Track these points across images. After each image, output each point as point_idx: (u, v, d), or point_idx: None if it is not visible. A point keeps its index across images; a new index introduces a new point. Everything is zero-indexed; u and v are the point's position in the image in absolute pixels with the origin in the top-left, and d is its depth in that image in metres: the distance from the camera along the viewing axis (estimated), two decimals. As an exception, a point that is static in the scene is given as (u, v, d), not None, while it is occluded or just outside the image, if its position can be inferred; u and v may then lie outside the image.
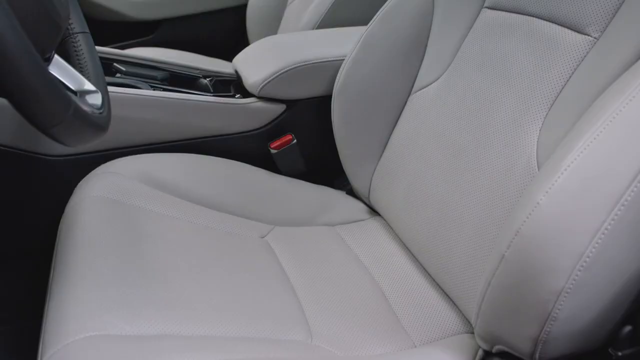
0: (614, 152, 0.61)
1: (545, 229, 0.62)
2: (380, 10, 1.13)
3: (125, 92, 1.16)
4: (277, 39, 1.43)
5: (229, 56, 1.59)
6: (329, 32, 1.45)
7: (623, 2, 0.76)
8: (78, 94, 0.80)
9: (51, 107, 0.60)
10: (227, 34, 2.37)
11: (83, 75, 0.86)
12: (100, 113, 0.76)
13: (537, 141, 0.82)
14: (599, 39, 0.79)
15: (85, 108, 0.69)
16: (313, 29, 1.59)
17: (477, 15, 1.00)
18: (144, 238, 0.93)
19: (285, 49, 1.30)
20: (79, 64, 0.90)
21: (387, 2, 1.13)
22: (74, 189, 1.07)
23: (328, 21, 1.58)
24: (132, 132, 1.18)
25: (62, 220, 1.00)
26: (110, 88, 1.15)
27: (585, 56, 0.80)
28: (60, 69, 0.80)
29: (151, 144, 1.21)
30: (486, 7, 0.99)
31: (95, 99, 0.80)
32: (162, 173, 1.11)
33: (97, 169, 1.10)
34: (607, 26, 0.78)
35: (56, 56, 0.80)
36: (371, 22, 1.13)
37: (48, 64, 0.77)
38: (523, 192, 0.79)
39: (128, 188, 1.04)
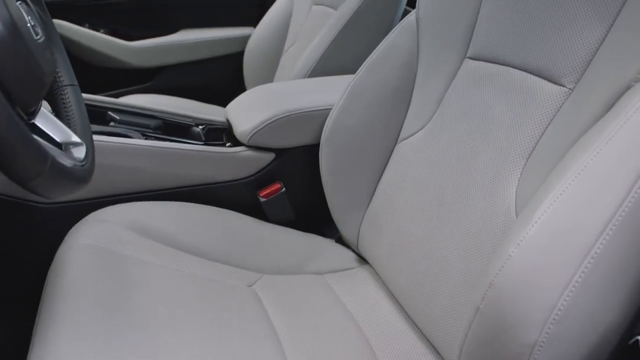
0: (582, 205, 0.61)
1: (516, 282, 0.62)
2: (366, 61, 1.14)
3: (117, 141, 1.17)
4: (267, 87, 1.45)
5: (226, 102, 1.61)
6: (319, 81, 1.47)
7: (595, 53, 0.78)
8: (63, 146, 0.82)
9: (28, 162, 0.61)
10: (225, 80, 2.40)
11: (70, 127, 0.88)
12: (82, 165, 0.77)
13: (516, 191, 0.82)
14: (574, 90, 0.80)
15: (64, 161, 0.71)
16: (305, 76, 1.61)
17: (460, 65, 1.02)
18: (129, 288, 0.94)
19: (274, 98, 1.32)
20: (67, 115, 0.91)
21: (373, 52, 1.14)
22: (65, 236, 1.07)
23: (320, 69, 1.60)
24: (124, 181, 1.20)
25: (50, 268, 1.01)
26: (102, 137, 1.17)
27: (560, 107, 0.81)
28: (46, 121, 0.81)
29: (143, 192, 1.22)
30: (468, 58, 1.01)
31: (79, 152, 0.81)
32: (151, 221, 1.11)
33: (88, 216, 1.11)
34: (580, 77, 0.79)
35: (43, 109, 0.81)
36: (358, 72, 1.15)
37: (34, 117, 0.79)
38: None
39: (117, 236, 1.04)
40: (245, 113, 1.31)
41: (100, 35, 2.26)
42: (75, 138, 0.84)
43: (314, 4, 1.92)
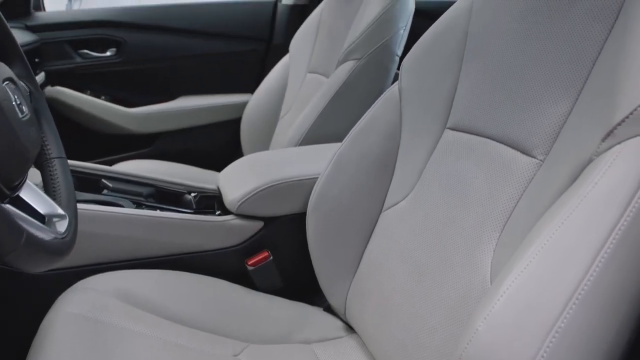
0: (545, 280, 0.62)
1: (482, 357, 0.62)
2: (351, 131, 1.17)
3: (107, 210, 1.19)
4: (257, 156, 1.47)
5: (224, 168, 1.64)
6: (308, 150, 1.49)
7: (563, 125, 0.80)
8: (46, 218, 0.83)
9: (2, 237, 0.62)
10: (223, 146, 2.44)
11: (55, 199, 0.90)
12: (62, 238, 0.78)
13: (491, 263, 0.83)
14: (544, 161, 0.81)
15: (42, 235, 0.72)
16: (297, 144, 1.64)
17: (440, 136, 1.04)
18: (113, 358, 0.94)
19: (263, 167, 1.34)
20: (53, 187, 0.93)
21: (357, 123, 1.17)
22: (52, 304, 1.08)
23: (311, 137, 1.63)
24: (113, 249, 1.21)
25: (35, 337, 1.01)
26: (92, 206, 1.19)
27: (532, 179, 0.82)
28: (30, 193, 0.83)
29: (132, 260, 1.23)
30: (448, 128, 1.03)
31: (61, 225, 0.82)
32: (138, 289, 1.12)
33: (76, 284, 1.11)
34: (550, 149, 0.81)
35: (28, 181, 0.83)
36: (343, 142, 1.17)
37: (18, 190, 0.81)
38: None
39: (103, 305, 1.05)
40: (235, 182, 1.33)
41: (101, 102, 2.32)
42: (59, 210, 0.85)
43: (308, 72, 1.97)
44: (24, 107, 0.82)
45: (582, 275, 0.61)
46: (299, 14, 2.42)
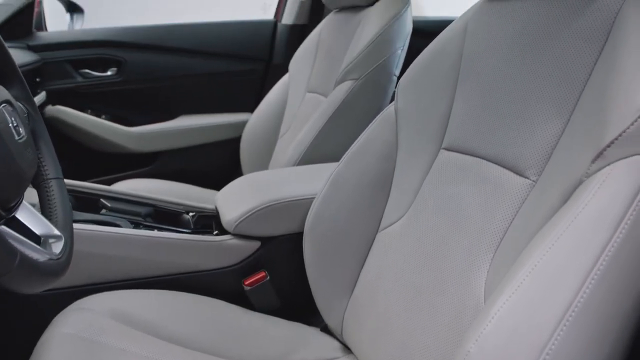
0: (535, 302, 0.62)
1: (475, 380, 0.62)
2: (347, 151, 1.17)
3: (104, 230, 1.20)
4: (254, 176, 1.48)
5: (223, 187, 1.64)
6: (306, 169, 1.50)
7: (555, 146, 0.80)
8: (42, 239, 0.84)
9: None
10: (222, 165, 2.45)
11: (51, 220, 0.91)
12: (57, 259, 0.79)
13: (485, 283, 0.83)
14: (537, 182, 0.82)
15: (37, 256, 0.72)
16: (295, 164, 1.64)
17: (436, 156, 1.04)
18: (109, 379, 0.94)
19: (260, 187, 1.35)
20: (49, 208, 0.94)
21: (354, 143, 1.18)
22: (49, 324, 1.08)
23: (309, 156, 1.63)
24: (110, 269, 1.21)
25: (31, 357, 1.01)
26: (90, 226, 1.19)
27: (525, 199, 0.83)
28: (27, 214, 0.84)
29: (129, 280, 1.23)
30: (443, 149, 1.03)
31: (56, 247, 0.83)
32: (135, 310, 1.12)
33: (73, 304, 1.11)
34: (543, 170, 0.82)
35: (24, 202, 0.84)
36: (339, 162, 1.18)
37: (14, 211, 0.81)
38: None
39: (99, 325, 1.05)
40: (232, 202, 1.34)
41: (101, 121, 2.33)
42: (55, 231, 0.86)
43: (307, 91, 1.98)
44: (20, 129, 0.83)
45: (572, 296, 0.61)
46: (298, 34, 2.44)
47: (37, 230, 0.84)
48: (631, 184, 0.65)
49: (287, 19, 2.48)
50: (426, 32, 1.68)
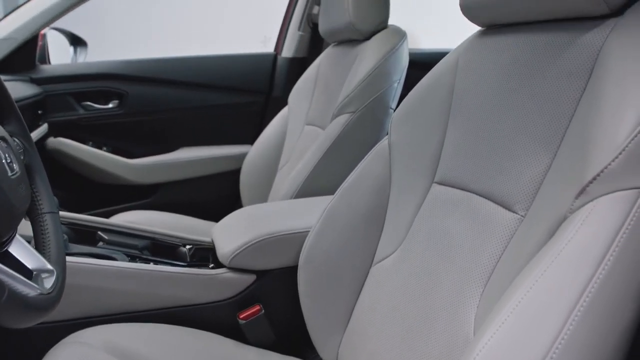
0: (520, 339, 0.62)
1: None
2: (341, 185, 1.18)
3: (99, 263, 1.20)
4: (252, 209, 1.49)
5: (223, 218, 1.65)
6: (302, 203, 1.51)
7: (542, 181, 0.81)
8: (33, 274, 0.85)
9: None
10: (222, 197, 2.46)
11: (44, 254, 0.91)
12: (48, 294, 0.79)
13: (475, 318, 0.83)
14: (525, 217, 0.82)
15: (26, 291, 0.73)
16: (292, 197, 1.65)
17: (428, 190, 1.05)
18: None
19: (255, 221, 1.35)
20: (43, 243, 0.94)
21: (348, 177, 1.18)
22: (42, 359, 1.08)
23: (306, 189, 1.64)
24: (105, 302, 1.21)
25: None
26: (85, 259, 1.20)
27: (514, 234, 0.83)
28: (20, 248, 0.84)
29: (124, 313, 1.23)
30: (436, 183, 1.04)
31: (47, 281, 0.83)
32: (130, 344, 1.12)
33: (67, 338, 1.11)
34: (530, 205, 0.82)
35: (17, 236, 0.85)
36: (334, 195, 1.18)
37: (7, 245, 0.82)
38: None
39: (93, 359, 1.05)
40: (228, 235, 1.34)
41: (102, 152, 2.35)
42: (47, 266, 0.87)
43: (306, 124, 1.99)
44: (14, 165, 0.84)
45: (555, 334, 0.61)
46: (298, 67, 2.46)
47: (29, 265, 0.84)
48: (614, 221, 0.65)
49: (287, 52, 2.51)
50: (423, 64, 1.70)
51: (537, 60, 0.88)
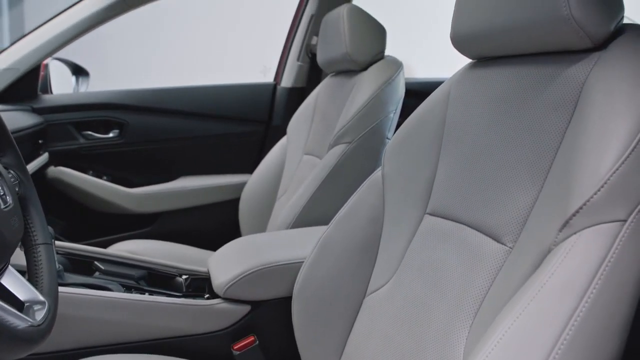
0: None
1: None
2: (336, 216, 1.19)
3: (93, 294, 1.20)
4: (248, 239, 1.49)
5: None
6: (297, 233, 1.51)
7: (529, 214, 0.82)
8: (25, 305, 0.85)
9: None
10: (221, 226, 2.46)
11: (37, 285, 0.92)
12: (38, 326, 0.80)
13: (464, 351, 0.83)
14: (513, 249, 0.83)
15: (16, 322, 0.73)
16: (289, 226, 1.65)
17: (421, 221, 1.05)
18: None
19: (251, 251, 1.36)
20: (36, 274, 0.95)
21: (342, 208, 1.19)
22: None
23: (303, 219, 1.64)
24: (99, 333, 1.21)
25: None
26: (79, 290, 1.20)
27: (502, 266, 0.83)
28: (12, 280, 0.85)
29: (117, 344, 1.23)
30: (428, 214, 1.05)
31: (39, 313, 0.84)
32: None
33: None
34: (518, 237, 0.82)
35: (10, 268, 0.85)
36: (328, 226, 1.19)
37: (0, 277, 0.83)
38: None
39: (85, 391, 1.05)
40: (223, 265, 1.35)
41: (102, 182, 2.36)
42: (39, 297, 0.87)
43: (304, 153, 2.01)
44: (7, 198, 0.85)
45: None
46: (297, 97, 2.48)
47: (21, 296, 0.85)
48: (596, 253, 0.66)
49: (286, 82, 2.53)
50: (418, 92, 1.71)
51: (525, 93, 0.89)
